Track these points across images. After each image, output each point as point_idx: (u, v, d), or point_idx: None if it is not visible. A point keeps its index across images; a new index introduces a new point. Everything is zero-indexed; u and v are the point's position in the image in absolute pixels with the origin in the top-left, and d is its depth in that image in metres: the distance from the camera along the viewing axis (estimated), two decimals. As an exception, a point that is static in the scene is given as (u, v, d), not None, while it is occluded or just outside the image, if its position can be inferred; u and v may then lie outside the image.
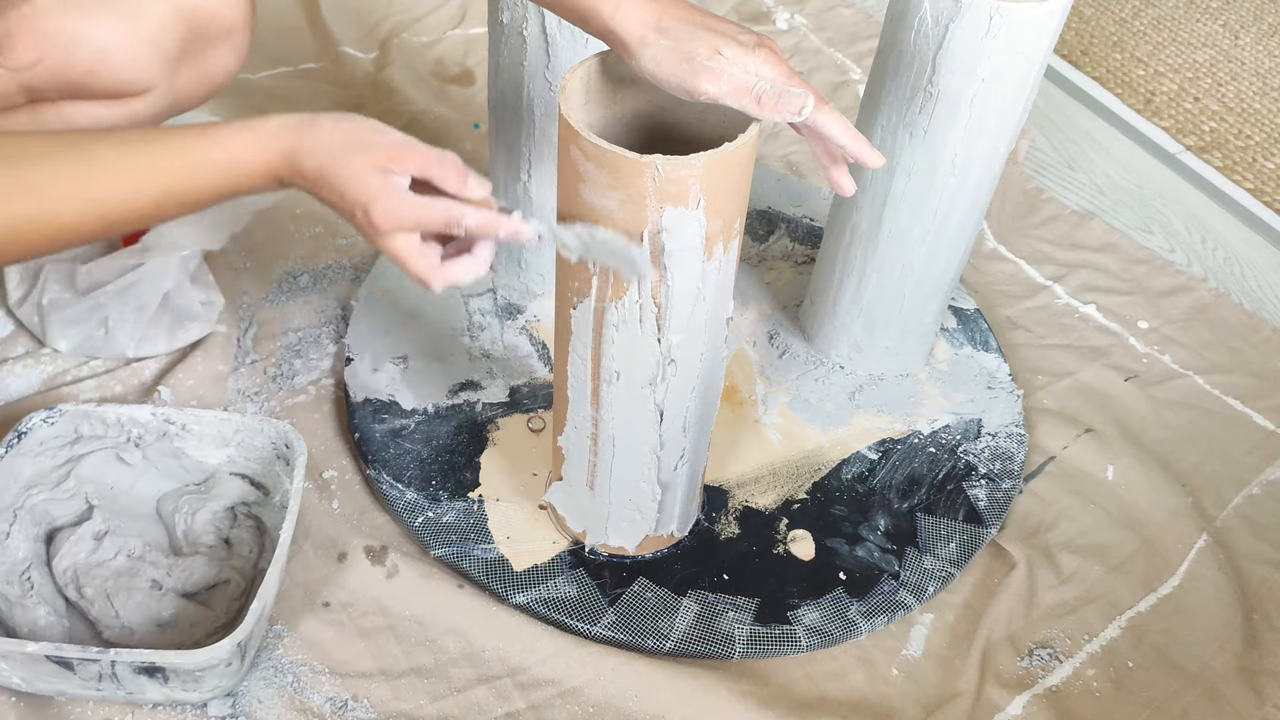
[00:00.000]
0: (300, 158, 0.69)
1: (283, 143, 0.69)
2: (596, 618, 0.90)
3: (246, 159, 0.69)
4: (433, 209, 0.68)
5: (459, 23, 1.58)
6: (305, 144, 0.68)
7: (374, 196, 0.67)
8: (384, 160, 0.68)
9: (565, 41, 0.94)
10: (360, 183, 0.67)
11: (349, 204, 0.68)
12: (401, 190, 0.68)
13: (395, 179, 0.68)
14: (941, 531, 0.99)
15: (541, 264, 1.14)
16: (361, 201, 0.67)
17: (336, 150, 0.68)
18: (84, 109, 0.77)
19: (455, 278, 0.71)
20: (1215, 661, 0.94)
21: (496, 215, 0.69)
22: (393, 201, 0.67)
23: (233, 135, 0.69)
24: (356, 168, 0.68)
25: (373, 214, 0.67)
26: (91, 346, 1.03)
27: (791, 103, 0.66)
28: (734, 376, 1.11)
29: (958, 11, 0.84)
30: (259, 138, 0.69)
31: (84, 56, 0.73)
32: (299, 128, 0.69)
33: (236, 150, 0.69)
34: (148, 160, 0.68)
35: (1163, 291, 1.29)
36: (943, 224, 0.98)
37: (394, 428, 1.01)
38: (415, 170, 0.68)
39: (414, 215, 0.68)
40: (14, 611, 0.83)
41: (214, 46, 0.80)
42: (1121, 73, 1.69)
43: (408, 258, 0.69)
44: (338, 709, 0.84)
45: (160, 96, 0.78)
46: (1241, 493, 1.08)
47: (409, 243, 0.69)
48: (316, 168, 0.68)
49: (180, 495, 0.91)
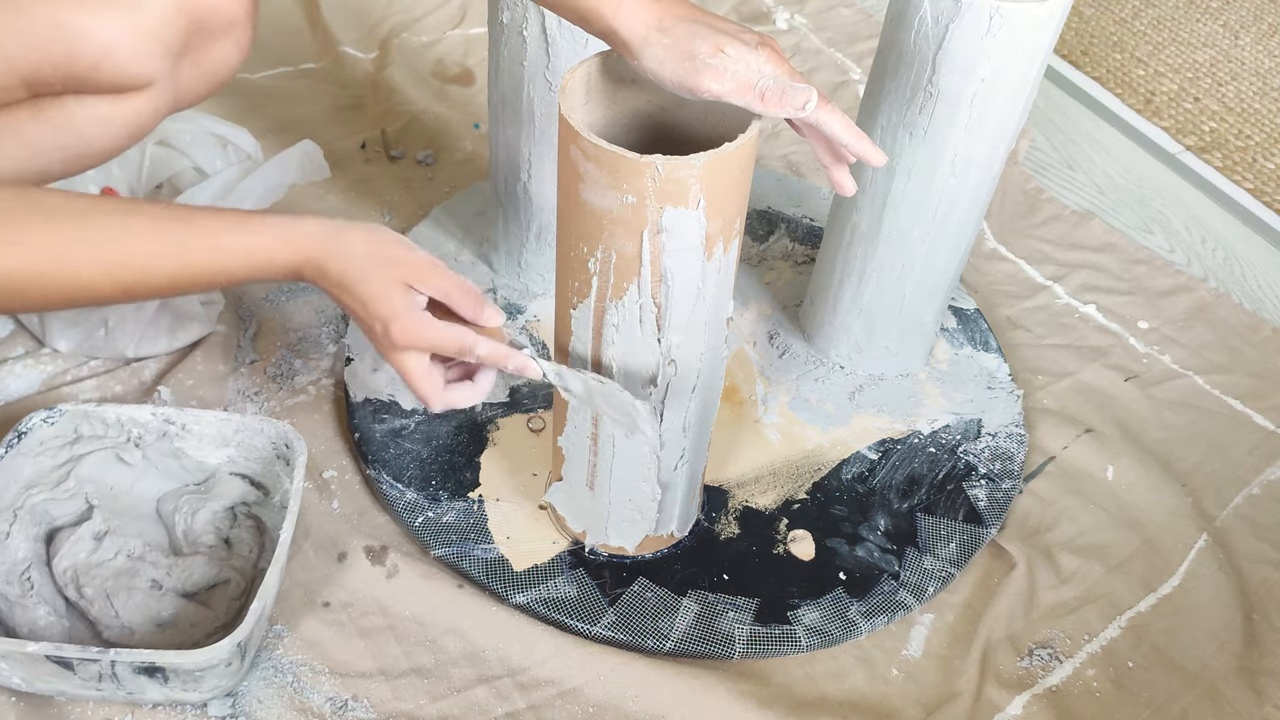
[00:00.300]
0: (326, 263, 0.72)
1: (312, 247, 0.72)
2: (596, 618, 0.90)
3: (273, 256, 0.72)
4: (449, 335, 0.72)
5: (459, 23, 1.58)
6: (334, 251, 0.72)
7: (395, 314, 0.71)
8: (409, 278, 0.71)
9: (565, 41, 0.94)
10: (384, 298, 0.71)
11: (370, 315, 0.72)
12: (420, 310, 0.72)
13: (416, 298, 0.72)
14: (941, 531, 0.99)
15: (542, 264, 1.14)
16: (383, 316, 0.71)
17: (363, 262, 0.72)
18: (87, 103, 0.77)
19: (455, 402, 0.75)
20: (1215, 661, 0.94)
21: (507, 349, 0.74)
22: (412, 321, 0.71)
23: (265, 231, 0.72)
24: (382, 282, 0.71)
25: (393, 330, 0.71)
26: (91, 346, 1.03)
27: (795, 97, 0.66)
28: (734, 376, 1.11)
29: (958, 11, 0.84)
30: (291, 238, 0.72)
31: (87, 50, 0.73)
32: (330, 235, 0.72)
33: (266, 246, 0.72)
34: (178, 240, 0.71)
35: (1163, 291, 1.29)
36: (943, 224, 0.98)
37: (394, 428, 1.01)
38: (437, 292, 0.72)
39: (431, 337, 0.72)
40: (14, 611, 0.83)
41: (216, 40, 0.80)
42: (1121, 73, 1.70)
43: (416, 376, 0.73)
44: (338, 709, 0.84)
45: (163, 91, 0.78)
46: (1241, 493, 1.08)
47: (419, 362, 0.73)
48: (340, 275, 0.72)
49: (180, 495, 0.91)
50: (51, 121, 0.77)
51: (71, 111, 0.77)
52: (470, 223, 1.24)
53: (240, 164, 1.18)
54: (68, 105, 0.77)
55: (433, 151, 1.35)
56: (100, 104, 0.77)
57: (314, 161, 1.21)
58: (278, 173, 1.16)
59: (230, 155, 1.19)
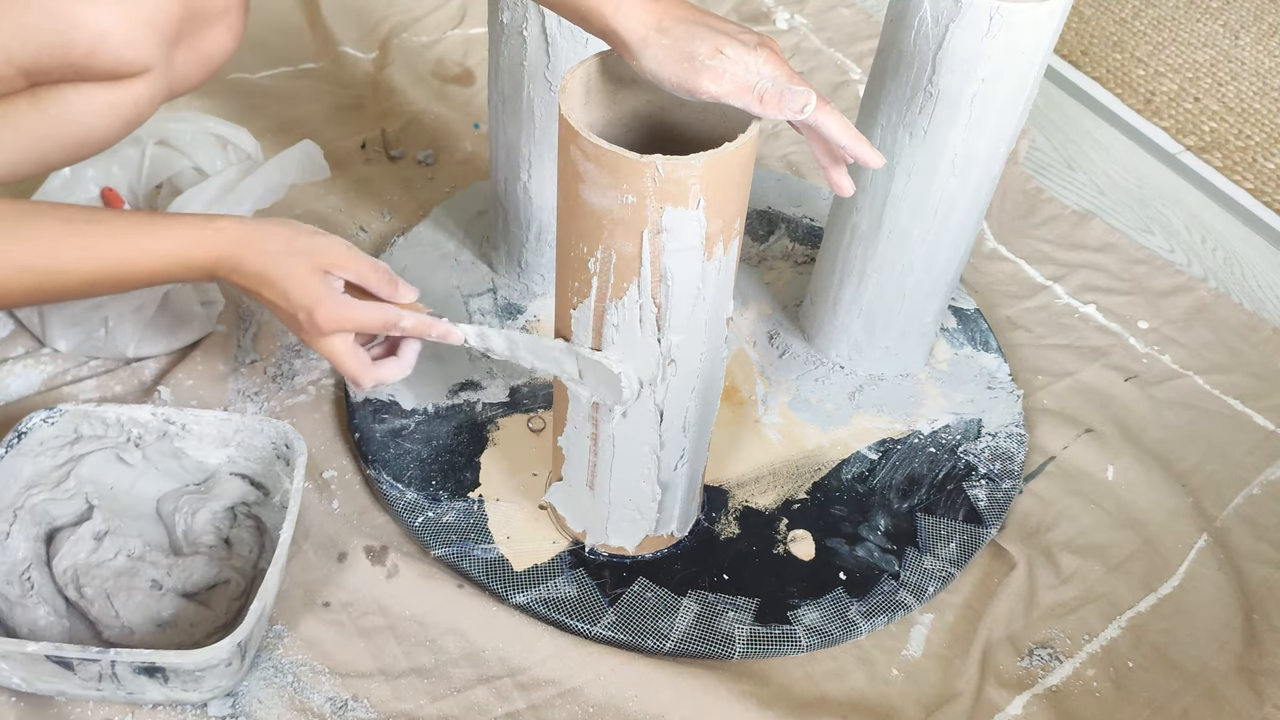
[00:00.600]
0: (242, 261, 0.74)
1: (226, 246, 0.74)
2: (596, 618, 0.90)
3: (187, 256, 0.74)
4: (373, 313, 0.76)
5: (459, 23, 1.58)
6: (250, 248, 0.74)
7: (318, 300, 0.74)
8: (326, 264, 0.74)
9: (565, 41, 0.94)
10: (304, 287, 0.74)
11: (293, 305, 0.74)
12: (341, 294, 0.75)
13: (335, 282, 0.75)
14: (941, 531, 0.99)
15: (542, 264, 1.14)
16: (305, 304, 0.74)
17: (278, 254, 0.74)
18: (84, 91, 0.77)
19: (385, 377, 0.79)
20: (1215, 661, 0.94)
21: (429, 319, 0.77)
22: (335, 304, 0.74)
23: (178, 232, 0.74)
24: (300, 272, 0.74)
25: (317, 316, 0.74)
26: (91, 346, 1.03)
27: (794, 100, 0.66)
28: (734, 376, 1.11)
29: (958, 11, 0.84)
30: (205, 236, 0.74)
31: (83, 38, 0.73)
32: (245, 233, 0.74)
33: (179, 248, 0.74)
34: (89, 242, 0.73)
35: (1163, 291, 1.29)
36: (943, 224, 0.98)
37: (394, 428, 1.01)
38: (353, 275, 0.75)
39: (355, 318, 0.75)
40: (14, 611, 0.83)
41: (210, 26, 0.81)
42: (1121, 73, 1.70)
43: (343, 357, 0.76)
44: (338, 709, 0.84)
45: (158, 78, 0.78)
46: (1241, 493, 1.08)
47: (345, 344, 0.76)
48: (259, 271, 0.74)
49: (180, 495, 0.91)
50: (49, 110, 0.78)
51: (69, 100, 0.77)
52: (470, 223, 1.24)
53: (240, 164, 1.18)
54: (65, 93, 0.77)
55: (433, 151, 1.35)
56: (97, 92, 0.77)
57: (314, 161, 1.21)
58: (278, 173, 1.16)
59: (230, 155, 1.19)
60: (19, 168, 0.79)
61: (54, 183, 1.09)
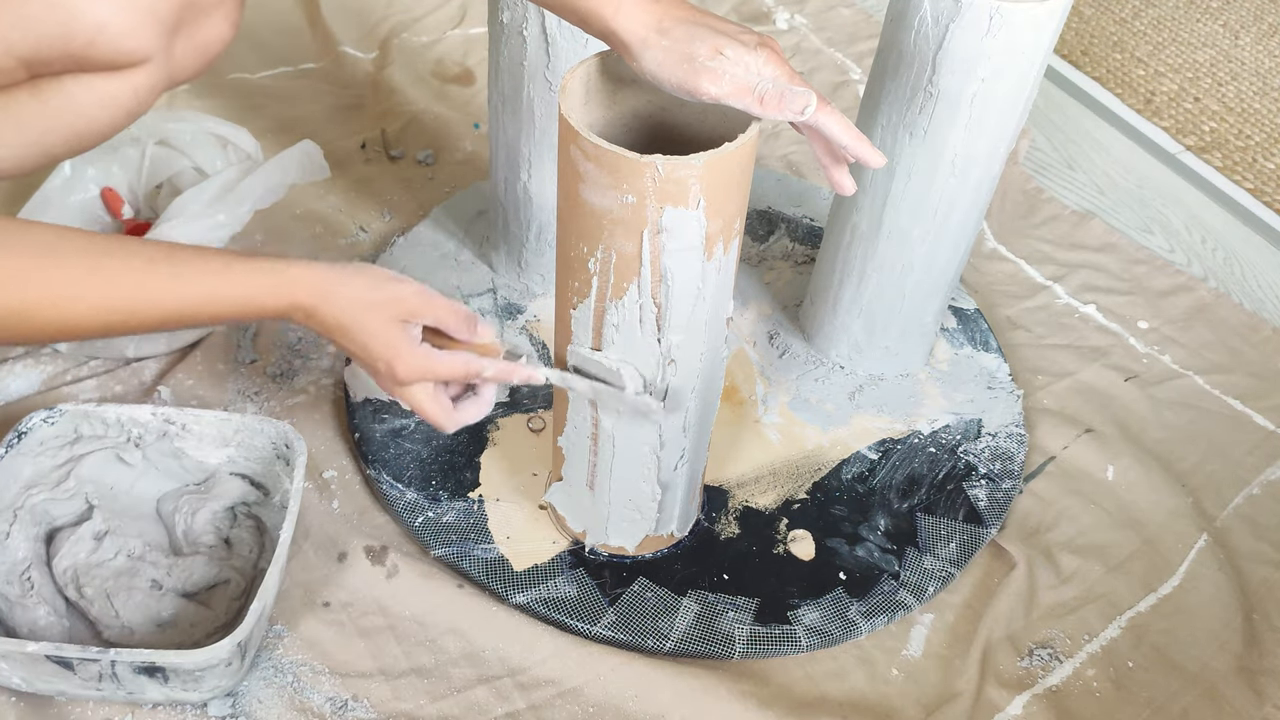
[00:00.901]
0: (318, 310, 0.73)
1: (303, 294, 0.73)
2: (596, 618, 0.90)
3: (262, 302, 0.73)
4: (454, 364, 0.75)
5: (459, 23, 1.58)
6: (327, 298, 0.73)
7: (398, 353, 0.73)
8: (403, 314, 0.73)
9: (565, 41, 0.94)
10: (382, 339, 0.73)
11: (372, 357, 0.74)
12: (419, 344, 0.74)
13: (414, 330, 0.74)
14: (941, 531, 0.99)
15: (542, 264, 1.14)
16: (386, 357, 0.73)
17: (356, 305, 0.73)
18: (85, 82, 0.77)
19: (466, 420, 0.78)
20: (1215, 661, 0.94)
21: (511, 365, 0.76)
22: (416, 358, 0.74)
23: (254, 278, 0.73)
24: (377, 324, 0.73)
25: (398, 370, 0.73)
26: (91, 346, 1.03)
27: (794, 102, 0.66)
28: (734, 376, 1.11)
29: (958, 11, 0.84)
30: (280, 285, 0.73)
31: (83, 28, 0.73)
32: (322, 281, 0.73)
33: (255, 293, 0.73)
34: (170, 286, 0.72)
35: (1163, 291, 1.29)
36: (943, 224, 0.98)
37: (394, 428, 1.01)
38: (431, 321, 0.74)
39: (436, 370, 0.74)
40: (14, 611, 0.83)
41: (208, 15, 0.80)
42: (1121, 73, 1.69)
43: (425, 406, 0.76)
44: (338, 709, 0.84)
45: (158, 67, 0.78)
46: (1241, 493, 1.08)
47: (426, 392, 0.75)
48: (336, 321, 0.73)
49: (180, 495, 0.91)
50: (51, 102, 0.77)
51: (70, 91, 0.77)
52: (470, 223, 1.24)
53: (240, 164, 1.18)
54: (66, 85, 0.77)
55: (433, 151, 1.35)
56: (98, 82, 0.77)
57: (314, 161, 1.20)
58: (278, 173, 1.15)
59: (230, 155, 1.19)
60: (23, 161, 0.79)
61: (55, 182, 1.09)
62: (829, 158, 0.74)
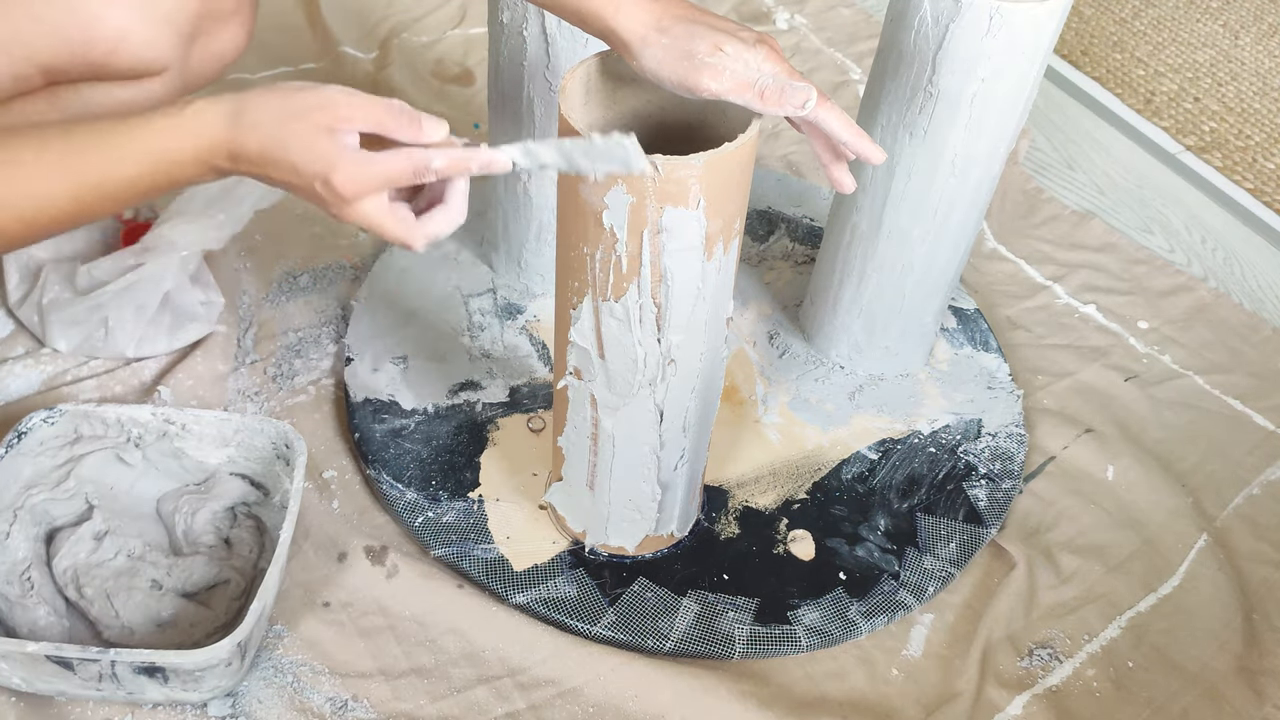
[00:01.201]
0: (238, 143, 0.64)
1: (212, 129, 0.64)
2: (596, 618, 0.90)
3: (171, 149, 0.64)
4: (396, 162, 0.63)
5: (459, 23, 1.58)
6: (240, 127, 0.64)
7: (331, 164, 0.62)
8: (329, 121, 0.63)
9: (565, 41, 0.94)
10: (311, 152, 0.63)
11: (305, 178, 0.63)
12: (355, 150, 0.63)
13: (346, 138, 0.63)
14: (941, 531, 0.99)
15: (541, 264, 1.14)
16: (319, 172, 0.63)
17: (275, 123, 0.63)
18: (103, 90, 0.77)
19: (436, 231, 0.67)
20: (1215, 661, 0.94)
21: (466, 151, 0.64)
22: (352, 165, 0.63)
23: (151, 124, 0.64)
24: (303, 137, 0.63)
25: (334, 182, 0.62)
26: (91, 346, 1.03)
27: (795, 96, 0.66)
28: (734, 376, 1.11)
29: (958, 11, 0.84)
30: (181, 123, 0.64)
31: (104, 37, 0.73)
32: (229, 112, 0.64)
33: (159, 140, 0.64)
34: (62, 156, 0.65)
35: (1163, 291, 1.29)
36: (943, 224, 0.98)
37: (394, 428, 1.01)
38: (364, 125, 0.64)
39: (379, 174, 0.63)
40: (14, 611, 0.83)
41: (223, 24, 0.80)
42: (1121, 73, 1.69)
43: (382, 221, 0.65)
44: (338, 709, 0.84)
45: (175, 76, 0.78)
46: (1241, 493, 1.08)
47: (378, 205, 0.64)
48: (259, 149, 0.63)
49: (180, 495, 0.91)
50: (68, 110, 0.77)
51: (87, 99, 0.77)
52: (470, 223, 1.24)
53: (240, 164, 1.18)
54: (84, 93, 0.77)
55: (433, 151, 1.35)
56: (115, 90, 0.77)
57: (314, 161, 1.20)
58: (278, 173, 1.15)
59: (230, 155, 1.19)
60: None
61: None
62: (829, 155, 0.74)
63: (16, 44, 0.72)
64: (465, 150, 0.64)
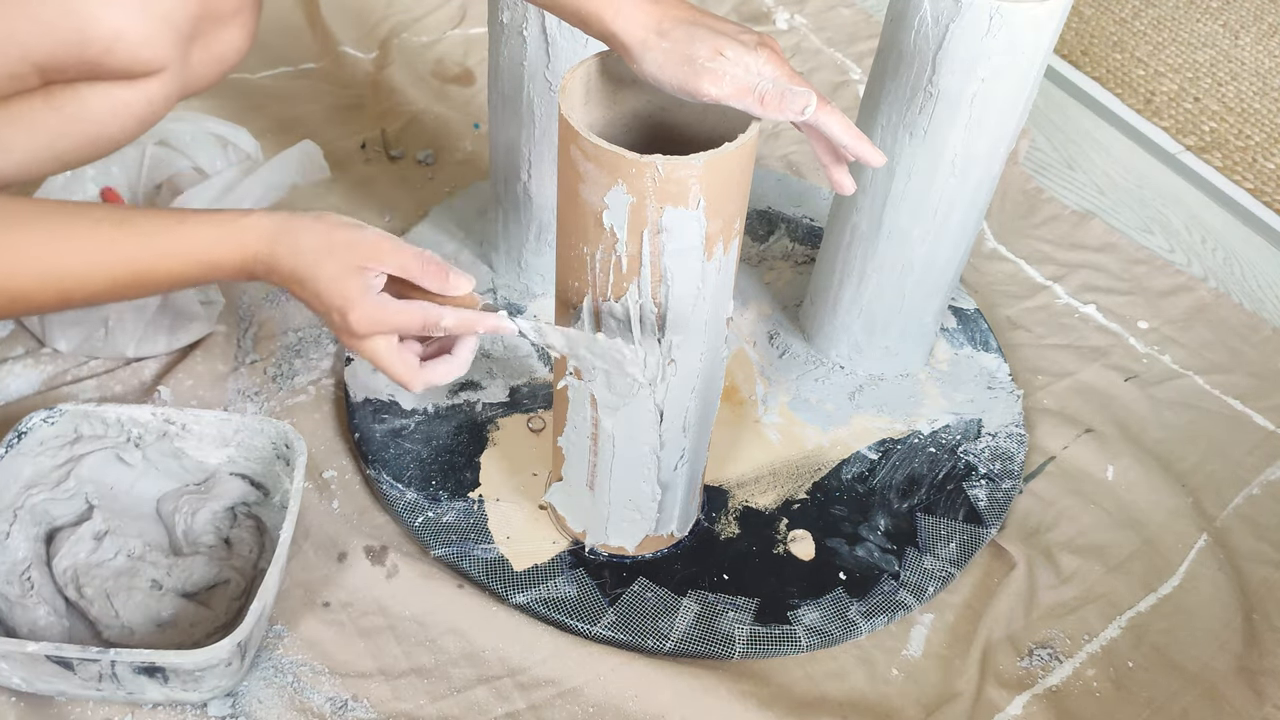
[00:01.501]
0: (276, 260, 0.70)
1: (257, 244, 0.70)
2: (596, 618, 0.90)
3: (217, 256, 0.70)
4: (409, 313, 0.69)
5: (459, 23, 1.58)
6: (282, 247, 0.69)
7: (351, 302, 0.68)
8: (360, 260, 0.68)
9: (565, 41, 0.94)
10: (336, 287, 0.68)
11: (325, 306, 0.69)
12: (376, 293, 0.69)
13: (372, 280, 0.69)
14: (941, 531, 0.99)
15: (541, 264, 1.14)
16: (338, 306, 0.68)
17: (312, 252, 0.69)
18: (100, 90, 0.76)
19: (434, 379, 0.72)
20: (1215, 661, 0.94)
21: (476, 314, 0.70)
22: (369, 306, 0.68)
23: (203, 230, 0.70)
24: (333, 270, 0.68)
25: (350, 318, 0.68)
26: (91, 346, 1.03)
27: (795, 102, 0.66)
28: (734, 376, 1.11)
29: (958, 11, 0.84)
30: (231, 234, 0.70)
31: (100, 36, 0.73)
32: (277, 229, 0.70)
33: (207, 246, 0.70)
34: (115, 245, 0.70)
35: (1163, 291, 1.29)
36: (943, 224, 0.98)
37: (394, 428, 1.01)
38: (394, 269, 0.69)
39: (390, 320, 0.69)
40: (14, 611, 0.83)
41: (224, 26, 0.80)
42: (1121, 73, 1.70)
43: (385, 360, 0.70)
44: (338, 709, 0.84)
45: (173, 77, 0.78)
46: (1241, 493, 1.08)
47: (388, 345, 0.70)
48: (292, 270, 0.69)
49: (180, 495, 0.91)
50: (65, 109, 0.77)
51: (84, 98, 0.77)
52: (470, 223, 1.24)
53: (240, 164, 1.18)
54: (81, 92, 0.77)
55: (433, 151, 1.35)
56: (113, 90, 0.77)
57: (314, 161, 1.21)
58: (278, 173, 1.16)
59: (230, 155, 1.19)
60: (37, 167, 0.79)
61: (55, 182, 1.08)
62: (829, 157, 0.74)
63: (10, 42, 0.72)
64: (476, 314, 0.70)
